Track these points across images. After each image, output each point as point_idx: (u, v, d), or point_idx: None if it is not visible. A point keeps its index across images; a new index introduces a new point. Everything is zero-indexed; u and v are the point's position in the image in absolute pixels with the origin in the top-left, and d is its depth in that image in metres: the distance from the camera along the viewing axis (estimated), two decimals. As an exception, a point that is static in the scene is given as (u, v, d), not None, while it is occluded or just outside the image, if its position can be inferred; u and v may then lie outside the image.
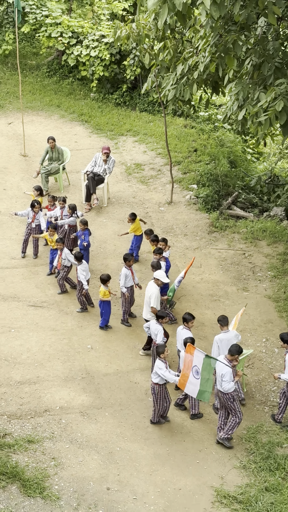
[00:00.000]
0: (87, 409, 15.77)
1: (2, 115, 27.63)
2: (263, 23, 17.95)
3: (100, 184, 22.69)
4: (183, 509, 13.77)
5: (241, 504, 13.84)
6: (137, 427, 15.44)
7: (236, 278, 19.99)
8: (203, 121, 28.04)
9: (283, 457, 14.75)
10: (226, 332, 15.73)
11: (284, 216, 22.50)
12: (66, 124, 27.26)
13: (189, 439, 15.26)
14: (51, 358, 17.09)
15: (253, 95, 17.61)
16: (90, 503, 13.69)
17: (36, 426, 15.26)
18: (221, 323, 15.81)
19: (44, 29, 29.60)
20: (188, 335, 15.63)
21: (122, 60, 28.59)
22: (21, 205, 21.84)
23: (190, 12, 16.68)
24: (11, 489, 13.81)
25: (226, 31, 17.13)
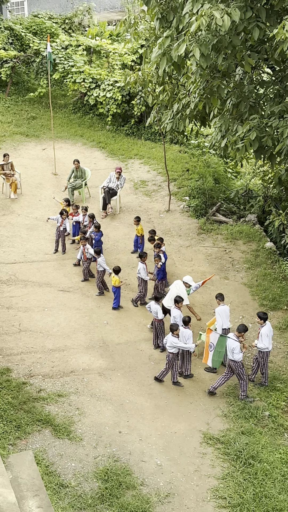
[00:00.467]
0: (104, 371, 15.78)
1: (38, 143, 27.61)
2: (240, 71, 17.91)
3: (114, 196, 22.72)
4: (178, 448, 13.79)
5: (222, 444, 13.85)
6: (142, 384, 15.46)
7: (219, 269, 19.97)
8: (194, 147, 27.99)
9: (255, 408, 14.76)
10: (223, 305, 15.99)
11: (256, 221, 22.47)
12: (87, 150, 27.24)
13: (182, 394, 15.27)
14: (75, 331, 17.10)
15: (233, 127, 17.57)
16: (106, 443, 13.72)
17: (64, 383, 15.28)
18: (219, 299, 16.10)
19: (70, 76, 29.59)
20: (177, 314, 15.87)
21: (130, 100, 28.55)
22: (52, 213, 21.82)
23: (183, 63, 16.66)
24: (45, 433, 13.83)
25: (212, 77, 17.10)
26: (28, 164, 25.71)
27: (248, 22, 14.83)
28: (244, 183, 25.10)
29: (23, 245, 20.66)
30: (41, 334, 16.87)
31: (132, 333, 17.21)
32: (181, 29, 16.00)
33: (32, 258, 20.05)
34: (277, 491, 12.76)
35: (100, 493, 12.50)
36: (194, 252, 20.86)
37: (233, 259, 20.39)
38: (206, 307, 18.11)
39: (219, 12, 13.77)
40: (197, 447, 13.81)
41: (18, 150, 26.84)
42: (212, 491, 12.81)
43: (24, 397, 14.63)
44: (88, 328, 17.26)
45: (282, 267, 19.60)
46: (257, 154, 17.29)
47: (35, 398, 14.71)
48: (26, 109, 30.41)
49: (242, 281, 19.25)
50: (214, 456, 13.60)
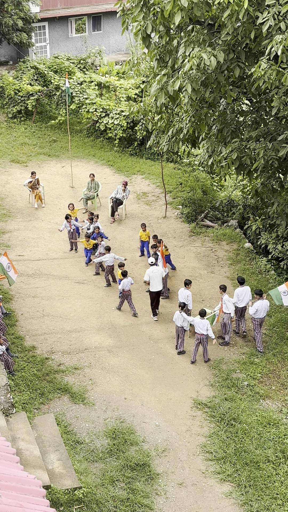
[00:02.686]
0: (112, 348, 15.76)
1: (58, 162, 27.55)
2: (224, 102, 17.86)
3: (120, 205, 22.65)
4: (173, 411, 13.78)
5: (209, 408, 13.84)
6: (143, 359, 15.43)
7: (206, 265, 19.92)
8: (186, 165, 27.91)
9: (236, 379, 14.74)
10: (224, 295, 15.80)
11: (237, 226, 22.42)
12: (98, 167, 27.18)
13: (177, 367, 15.25)
14: (89, 315, 17.07)
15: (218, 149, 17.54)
16: (113, 407, 13.71)
17: (80, 359, 15.26)
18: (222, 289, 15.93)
19: (85, 107, 29.50)
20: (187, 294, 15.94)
21: (134, 126, 28.47)
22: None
23: (177, 96, 16.62)
24: (64, 399, 13.82)
25: (200, 107, 17.06)
26: (50, 179, 25.67)
27: (230, 62, 14.80)
28: (227, 194, 25.05)
29: (46, 245, 20.62)
30: (60, 318, 16.84)
31: (135, 317, 17.17)
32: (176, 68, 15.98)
33: (53, 256, 20.01)
34: (254, 447, 12.77)
35: (109, 448, 12.51)
36: (186, 251, 20.83)
37: (218, 257, 20.36)
38: (196, 296, 18.08)
39: (207, 54, 13.75)
40: (189, 411, 13.81)
41: (42, 167, 26.80)
42: (201, 447, 12.81)
43: (47, 370, 14.61)
44: (99, 313, 17.23)
45: (258, 263, 19.57)
46: (238, 171, 17.28)
47: (56, 370, 14.69)
48: (48, 134, 30.35)
49: (225, 275, 19.22)
50: (203, 418, 13.59)
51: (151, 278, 16.59)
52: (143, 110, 20.88)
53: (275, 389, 14.58)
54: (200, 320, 15.08)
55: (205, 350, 15.37)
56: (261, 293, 15.59)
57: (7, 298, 17.40)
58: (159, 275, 16.63)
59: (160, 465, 12.33)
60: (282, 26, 12.84)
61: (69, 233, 20.21)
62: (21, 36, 32.10)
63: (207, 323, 15.08)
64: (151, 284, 16.68)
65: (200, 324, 15.03)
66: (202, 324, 15.04)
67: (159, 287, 16.76)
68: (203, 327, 15.02)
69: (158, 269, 16.69)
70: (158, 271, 16.64)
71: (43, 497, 8.49)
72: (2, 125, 30.68)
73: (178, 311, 15.38)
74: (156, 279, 16.60)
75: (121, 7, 15.77)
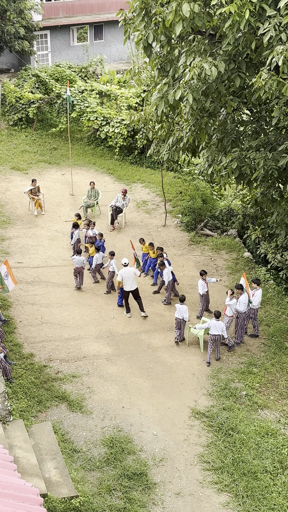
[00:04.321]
0: (110, 356, 15.73)
1: (58, 169, 27.61)
2: (224, 112, 17.94)
3: (120, 213, 22.68)
4: (171, 420, 13.74)
5: (207, 418, 13.81)
6: (142, 368, 15.40)
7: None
8: (186, 174, 27.97)
9: (234, 389, 14.71)
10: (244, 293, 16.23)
11: (237, 235, 22.45)
12: (99, 175, 27.24)
13: (175, 376, 15.22)
14: (87, 323, 17.05)
15: (218, 158, 17.59)
16: (111, 416, 13.68)
17: (78, 366, 15.23)
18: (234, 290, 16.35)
19: (85, 115, 29.60)
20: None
21: (134, 135, 28.56)
22: (68, 225, 21.70)
23: (178, 105, 16.69)
24: (61, 407, 13.78)
25: (201, 117, 17.12)
26: (50, 186, 25.71)
27: (231, 72, 14.88)
28: (226, 204, 25.09)
29: (45, 253, 20.63)
30: (59, 326, 16.82)
31: (134, 325, 17.16)
32: (177, 78, 16.05)
33: (52, 263, 20.01)
34: (252, 457, 12.73)
35: (106, 457, 12.46)
36: (185, 259, 20.84)
37: (217, 266, 20.36)
38: (195, 304, 18.06)
39: (208, 64, 13.82)
40: (186, 420, 13.77)
41: (42, 175, 26.85)
42: (198, 457, 12.77)
43: (45, 378, 14.58)
44: (97, 321, 17.21)
45: (257, 273, 19.57)
46: (238, 180, 17.32)
47: (54, 378, 14.66)
48: (49, 142, 30.42)
49: (224, 284, 19.21)
50: (200, 427, 13.55)
51: (124, 278, 16.98)
52: (143, 119, 20.95)
53: (274, 399, 14.55)
54: (216, 322, 15.53)
55: (218, 348, 15.81)
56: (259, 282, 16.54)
57: (5, 305, 17.39)
58: (132, 275, 17.03)
59: (157, 475, 12.28)
60: (283, 37, 12.92)
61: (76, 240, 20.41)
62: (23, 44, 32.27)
63: (223, 324, 15.65)
64: (125, 284, 17.07)
65: (217, 325, 15.51)
66: (219, 325, 15.51)
67: (134, 287, 17.11)
68: (219, 328, 15.51)
69: (130, 270, 17.09)
70: (130, 272, 17.05)
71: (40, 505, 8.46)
72: (3, 132, 30.77)
73: (179, 304, 16.11)
74: (129, 279, 17.00)
75: (123, 16, 15.86)
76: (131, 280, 17.03)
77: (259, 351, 16.27)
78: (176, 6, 13.60)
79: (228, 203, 24.80)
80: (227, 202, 25.38)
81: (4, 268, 15.95)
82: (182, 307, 16.14)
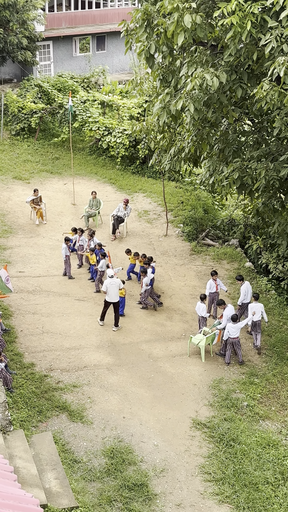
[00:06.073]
0: (111, 366, 15.70)
1: (60, 179, 27.69)
2: (226, 122, 18.00)
3: (121, 223, 22.71)
4: (172, 431, 13.69)
5: (208, 428, 13.76)
6: (143, 378, 15.37)
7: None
8: (187, 184, 28.04)
9: (236, 399, 14.67)
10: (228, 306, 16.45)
11: (238, 245, 22.46)
12: (100, 185, 27.31)
13: (176, 386, 15.18)
14: (88, 333, 17.03)
15: (219, 168, 17.62)
16: (112, 426, 13.63)
17: (78, 376, 15.20)
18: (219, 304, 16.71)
19: (88, 125, 29.71)
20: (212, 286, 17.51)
21: (136, 145, 28.64)
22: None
23: (180, 115, 16.75)
24: (62, 417, 13.74)
25: (202, 127, 17.18)
26: (52, 196, 25.77)
27: (233, 83, 14.94)
28: (228, 214, 25.12)
29: (46, 262, 20.65)
30: (60, 335, 16.80)
31: (135, 335, 17.13)
32: (179, 88, 16.12)
33: (53, 273, 20.01)
34: (253, 468, 12.67)
35: (106, 468, 12.41)
36: (187, 269, 20.83)
37: (219, 276, 20.33)
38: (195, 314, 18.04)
39: (209, 75, 13.88)
40: (187, 431, 13.72)
41: (44, 184, 26.92)
42: (200, 468, 12.71)
43: (45, 387, 14.54)
44: (99, 331, 17.19)
45: (259, 283, 19.56)
46: (239, 190, 17.35)
47: (54, 388, 14.62)
48: (51, 151, 30.53)
49: (226, 294, 19.20)
50: (201, 438, 13.50)
51: (108, 289, 16.94)
52: (145, 129, 21.03)
53: (275, 410, 14.50)
54: (232, 325, 15.75)
55: (239, 352, 16.02)
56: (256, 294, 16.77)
57: (6, 314, 17.38)
58: (116, 287, 17.00)
59: (158, 486, 12.22)
60: (285, 48, 12.98)
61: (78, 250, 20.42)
62: (26, 55, 32.43)
63: (240, 326, 15.94)
64: (108, 294, 17.02)
65: (234, 328, 15.75)
66: (236, 328, 15.79)
67: (116, 299, 17.07)
68: (237, 330, 15.81)
69: (116, 281, 17.04)
70: (115, 283, 17.01)
71: (39, 516, 8.41)
72: (5, 142, 30.88)
73: (199, 302, 16.71)
74: (113, 291, 16.97)
75: (125, 27, 15.95)
76: (115, 291, 17.01)
77: (261, 362, 16.23)
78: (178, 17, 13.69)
79: (230, 213, 24.82)
80: (228, 212, 25.41)
81: (4, 272, 16.03)
82: (201, 305, 16.61)
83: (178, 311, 18.38)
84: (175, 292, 19.30)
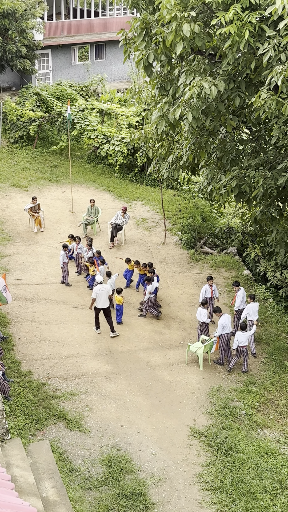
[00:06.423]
0: (109, 374, 15.67)
1: (59, 187, 27.73)
2: (224, 131, 18.05)
3: (120, 231, 22.72)
4: (169, 439, 13.65)
5: (206, 437, 13.72)
6: (141, 386, 15.33)
7: (205, 292, 19.91)
8: (185, 192, 28.09)
9: (234, 408, 14.64)
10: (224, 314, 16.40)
11: (236, 253, 22.48)
12: (99, 193, 27.34)
13: (174, 395, 15.15)
14: (86, 341, 17.01)
15: (217, 176, 17.66)
16: (109, 435, 13.59)
17: (76, 384, 15.16)
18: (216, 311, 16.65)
19: (86, 133, 29.79)
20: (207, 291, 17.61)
21: (135, 153, 28.71)
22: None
23: (178, 124, 16.79)
24: (59, 425, 13.70)
25: (200, 135, 17.22)
26: (50, 203, 25.79)
27: (231, 91, 14.99)
28: (226, 222, 25.16)
29: (44, 270, 20.64)
30: (58, 343, 16.77)
31: (133, 343, 17.11)
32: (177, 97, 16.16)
33: (51, 281, 20.00)
34: (251, 477, 12.63)
35: (104, 477, 12.36)
36: (185, 277, 20.84)
37: (217, 284, 20.34)
38: (194, 322, 18.04)
39: (207, 84, 13.93)
40: (185, 439, 13.68)
41: (43, 192, 26.95)
42: (197, 476, 12.67)
43: (43, 396, 14.51)
44: (96, 338, 17.16)
45: (257, 291, 19.56)
46: (237, 198, 17.38)
47: (52, 396, 14.59)
48: (50, 159, 30.58)
49: (224, 302, 19.19)
50: (199, 447, 13.46)
51: (98, 295, 16.93)
52: (144, 137, 21.08)
53: (273, 419, 14.47)
54: (241, 333, 15.81)
55: (245, 361, 16.06)
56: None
57: (4, 322, 17.35)
58: (106, 293, 17.00)
59: (156, 495, 12.16)
60: (282, 57, 13.04)
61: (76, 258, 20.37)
62: (25, 63, 32.56)
63: (249, 334, 16.03)
64: (98, 301, 17.00)
65: (243, 336, 15.79)
66: (245, 336, 15.83)
67: (105, 305, 17.05)
68: (245, 338, 15.84)
69: (105, 287, 17.02)
70: (105, 289, 16.99)
71: (36, 525, 8.36)
72: (4, 150, 30.94)
73: (200, 307, 16.73)
74: (103, 297, 16.97)
75: (123, 36, 16.02)
76: (104, 298, 17.01)
77: (259, 370, 16.21)
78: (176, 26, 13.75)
79: (228, 221, 24.86)
80: (226, 220, 25.45)
81: (2, 281, 16.00)
82: (202, 311, 16.64)
83: (176, 319, 18.37)
84: (173, 300, 19.29)
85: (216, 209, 27.12)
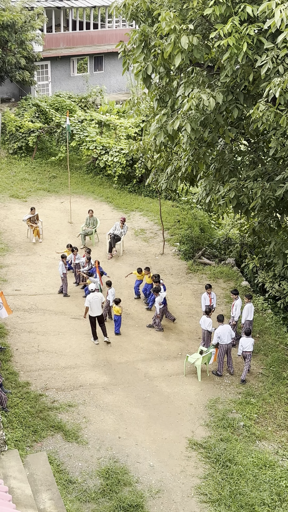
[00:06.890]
0: (107, 385, 15.62)
1: (57, 197, 27.77)
2: (222, 142, 18.13)
3: (118, 241, 22.73)
4: (167, 451, 13.60)
5: (204, 449, 13.67)
6: (139, 398, 15.29)
7: (203, 303, 19.89)
8: (184, 203, 28.14)
9: (232, 419, 14.59)
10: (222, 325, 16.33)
11: (234, 264, 22.49)
12: (97, 203, 27.39)
13: (172, 406, 15.10)
14: (84, 352, 16.97)
15: (215, 187, 17.72)
16: (107, 446, 13.53)
17: (74, 396, 15.11)
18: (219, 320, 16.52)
19: (85, 144, 29.89)
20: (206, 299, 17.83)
21: (133, 164, 28.79)
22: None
23: (176, 135, 16.87)
24: (57, 437, 13.64)
25: (199, 147, 17.30)
26: (48, 214, 25.82)
27: (229, 103, 15.08)
28: (224, 233, 25.19)
29: (42, 280, 20.62)
30: (55, 354, 16.73)
31: (131, 354, 17.07)
32: (175, 108, 16.25)
33: (50, 291, 19.99)
34: (250, 489, 12.56)
35: (102, 489, 12.29)
36: (183, 288, 20.83)
37: (215, 295, 20.32)
38: (192, 333, 17.99)
39: (206, 95, 14.02)
40: (183, 451, 13.62)
41: (41, 202, 26.99)
42: (195, 489, 12.60)
43: (40, 407, 14.45)
44: (94, 349, 17.13)
45: (255, 302, 19.56)
46: (235, 209, 17.43)
47: (50, 407, 14.53)
48: (48, 170, 30.66)
49: (222, 312, 19.17)
50: (198, 459, 13.40)
51: (91, 303, 16.94)
52: (142, 149, 21.15)
53: (271, 430, 14.42)
54: (245, 339, 15.85)
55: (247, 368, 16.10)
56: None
57: (2, 332, 17.31)
58: (99, 301, 17.03)
59: (153, 507, 12.09)
60: (280, 69, 13.13)
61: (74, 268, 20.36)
62: (24, 74, 32.71)
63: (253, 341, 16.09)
64: (91, 309, 17.01)
65: (248, 342, 15.83)
66: (250, 342, 15.89)
67: (98, 313, 17.09)
68: (250, 344, 15.88)
69: (98, 295, 17.06)
70: (97, 297, 17.02)
71: (33, 538, 8.30)
72: (2, 160, 31.02)
73: (205, 316, 16.74)
74: (96, 305, 16.98)
75: (122, 48, 16.13)
76: (97, 305, 17.03)
77: (257, 381, 16.17)
78: (175, 39, 13.85)
79: (226, 232, 24.90)
80: (225, 231, 25.48)
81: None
82: (207, 320, 16.66)
83: (174, 330, 18.35)
84: (172, 311, 19.26)
85: (215, 220, 27.16)
